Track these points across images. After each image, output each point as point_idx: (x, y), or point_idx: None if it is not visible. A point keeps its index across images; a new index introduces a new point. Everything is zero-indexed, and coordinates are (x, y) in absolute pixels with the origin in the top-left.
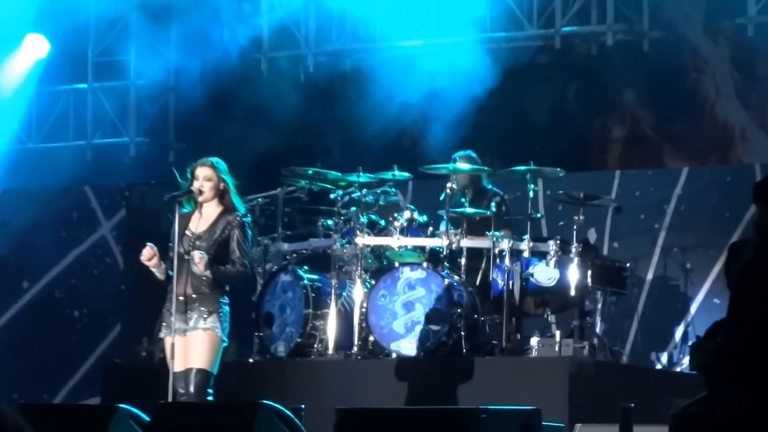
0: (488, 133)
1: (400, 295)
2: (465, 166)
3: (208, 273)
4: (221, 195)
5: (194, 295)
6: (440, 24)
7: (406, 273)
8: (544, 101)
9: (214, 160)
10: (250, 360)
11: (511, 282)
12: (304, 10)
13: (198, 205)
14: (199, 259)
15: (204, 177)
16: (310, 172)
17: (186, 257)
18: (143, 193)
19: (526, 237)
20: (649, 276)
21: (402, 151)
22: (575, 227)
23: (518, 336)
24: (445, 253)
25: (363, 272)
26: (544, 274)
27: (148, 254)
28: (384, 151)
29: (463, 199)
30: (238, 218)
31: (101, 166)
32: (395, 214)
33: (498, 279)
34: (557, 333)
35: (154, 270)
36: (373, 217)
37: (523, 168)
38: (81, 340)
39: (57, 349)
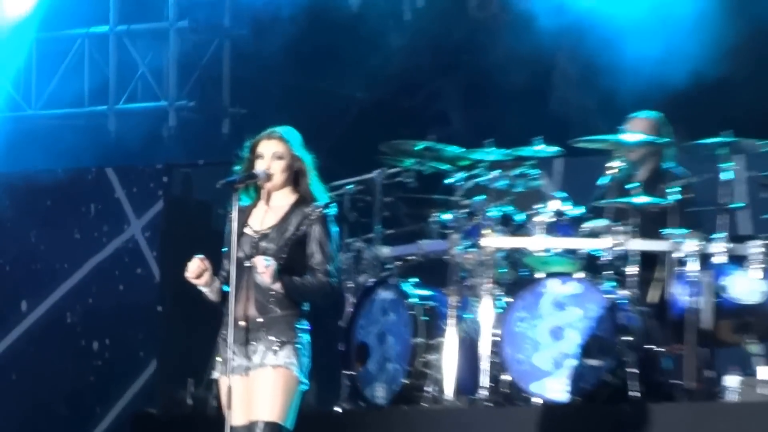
0: (668, 92)
1: (545, 318)
2: (637, 136)
3: (277, 286)
4: (296, 179)
5: (260, 319)
6: None
7: (554, 287)
8: (743, 44)
9: (286, 130)
10: (338, 409)
11: (699, 299)
12: None
13: (263, 193)
14: (264, 267)
15: (272, 154)
16: (420, 147)
17: (247, 265)
18: (187, 177)
19: (721, 236)
20: None
21: (549, 117)
22: None
23: (710, 373)
24: (607, 259)
25: (493, 286)
26: (746, 286)
27: (197, 269)
28: (524, 117)
29: (633, 185)
30: (319, 210)
31: (129, 141)
32: (538, 206)
33: (681, 295)
34: (763, 369)
35: (204, 289)
36: (507, 209)
37: (715, 140)
38: (101, 382)
39: (68, 395)
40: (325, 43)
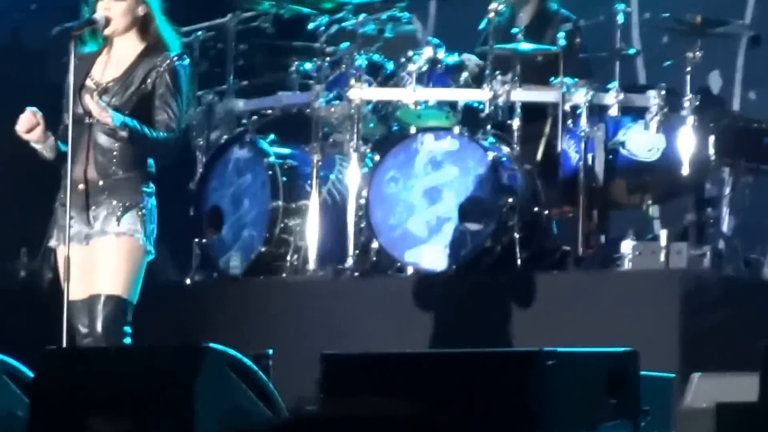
0: None
1: (420, 177)
2: None
3: (111, 122)
4: (142, 25)
5: (101, 181)
6: None
7: (429, 143)
8: None
9: None
10: (188, 280)
11: (590, 155)
12: None
13: (106, 41)
14: (96, 106)
15: None
16: None
17: (88, 121)
18: (17, 25)
19: (614, 85)
20: None
21: None
22: (689, 69)
23: (603, 239)
24: (488, 111)
25: (362, 143)
26: (642, 142)
27: (28, 123)
28: None
29: (515, 29)
30: (170, 60)
31: None
32: (410, 53)
33: (570, 151)
34: (663, 233)
35: (37, 146)
36: (375, 57)
37: None
38: None
39: None
40: None
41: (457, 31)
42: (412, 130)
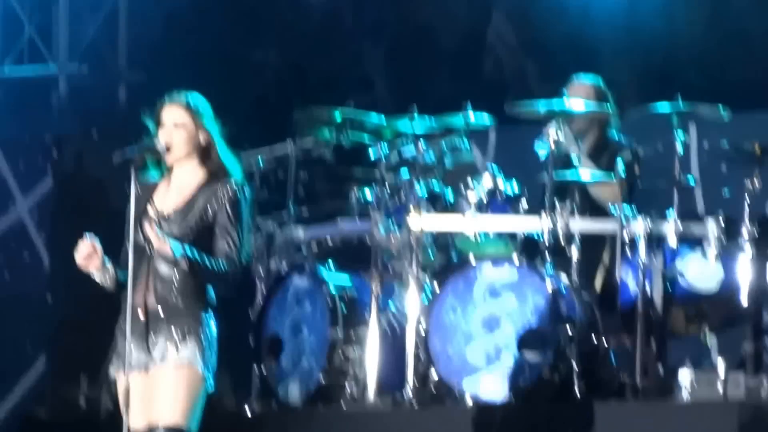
0: (613, 53)
1: (479, 306)
2: (580, 103)
3: (170, 254)
4: (203, 152)
5: (161, 310)
6: None
7: (488, 273)
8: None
9: (191, 96)
10: (247, 409)
11: (648, 285)
12: None
13: (167, 169)
14: (156, 237)
15: (173, 124)
16: (339, 115)
17: (148, 249)
18: (80, 151)
19: (672, 214)
20: None
21: (482, 81)
22: (748, 198)
23: (660, 368)
24: (547, 241)
25: (421, 272)
26: (701, 271)
27: (86, 251)
28: (454, 82)
29: (575, 157)
30: (231, 188)
31: (13, 110)
32: (469, 181)
33: (629, 280)
34: (721, 363)
35: (95, 274)
36: (435, 185)
37: (666, 107)
38: None
39: None
40: (234, 1)
41: (517, 159)
42: (471, 258)
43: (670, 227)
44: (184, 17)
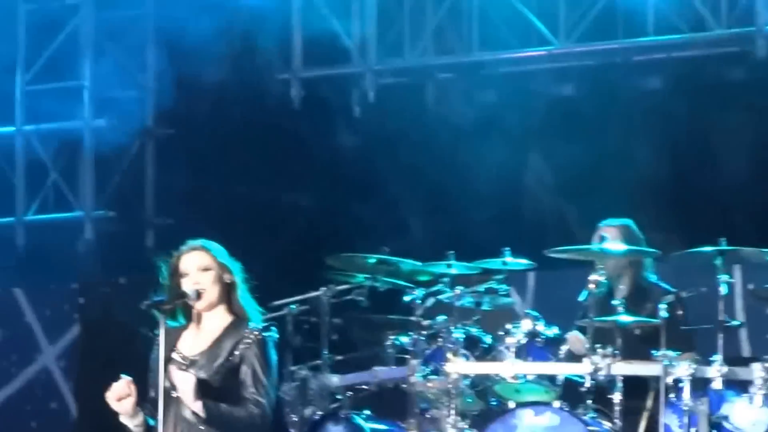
0: (651, 195)
1: None
2: (617, 245)
3: (198, 407)
4: (228, 295)
5: None
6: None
7: (528, 419)
8: (740, 141)
9: (204, 241)
10: None
11: (694, 430)
12: (359, 4)
13: (194, 315)
14: (182, 380)
15: (197, 268)
16: (373, 260)
17: (174, 394)
18: (106, 298)
19: (717, 358)
20: None
21: (519, 226)
22: None
23: None
24: (588, 386)
25: (459, 419)
26: (747, 416)
27: (121, 392)
28: (491, 226)
29: (615, 301)
30: (257, 333)
31: (40, 257)
32: (508, 326)
33: (673, 425)
34: None
35: (125, 419)
36: (473, 330)
37: (709, 249)
38: None
39: None
40: (264, 143)
41: (556, 303)
42: (511, 404)
43: (715, 371)
44: (212, 162)
